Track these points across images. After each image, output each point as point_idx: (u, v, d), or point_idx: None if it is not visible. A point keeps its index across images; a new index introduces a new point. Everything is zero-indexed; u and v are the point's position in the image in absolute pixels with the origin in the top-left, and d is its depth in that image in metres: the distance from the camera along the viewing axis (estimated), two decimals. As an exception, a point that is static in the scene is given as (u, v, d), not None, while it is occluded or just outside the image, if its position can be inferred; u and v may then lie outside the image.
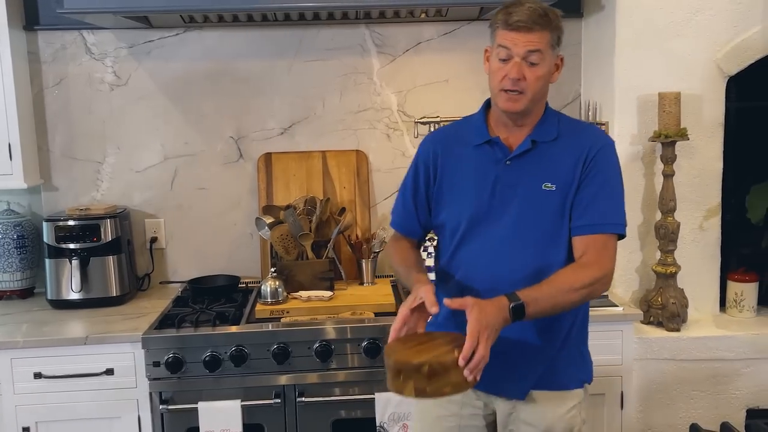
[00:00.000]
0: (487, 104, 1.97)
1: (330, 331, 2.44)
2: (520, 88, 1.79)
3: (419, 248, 2.13)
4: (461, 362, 1.59)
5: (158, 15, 2.73)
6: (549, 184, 1.84)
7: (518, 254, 1.84)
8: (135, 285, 2.96)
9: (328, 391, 2.46)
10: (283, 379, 2.44)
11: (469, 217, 1.88)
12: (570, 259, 1.85)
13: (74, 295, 2.75)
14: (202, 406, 2.40)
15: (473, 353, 1.60)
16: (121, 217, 2.86)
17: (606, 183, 1.84)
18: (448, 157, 1.94)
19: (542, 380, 1.90)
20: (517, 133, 1.89)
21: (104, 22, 2.84)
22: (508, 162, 1.87)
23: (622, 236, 1.86)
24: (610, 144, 1.89)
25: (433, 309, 1.71)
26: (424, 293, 1.74)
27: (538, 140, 1.87)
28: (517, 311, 1.69)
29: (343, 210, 2.94)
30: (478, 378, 1.63)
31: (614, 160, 1.88)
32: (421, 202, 1.99)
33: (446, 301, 1.71)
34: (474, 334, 1.61)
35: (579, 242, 1.83)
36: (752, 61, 2.68)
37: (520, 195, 1.85)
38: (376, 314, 2.53)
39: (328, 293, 2.67)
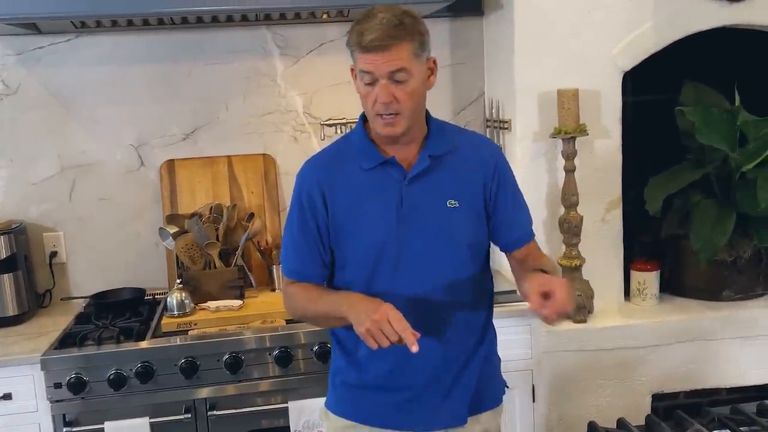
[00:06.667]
0: (364, 118, 1.84)
1: (239, 342, 2.39)
2: (395, 110, 1.68)
3: None
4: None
5: (47, 21, 2.61)
6: (452, 201, 1.78)
7: (437, 278, 1.78)
8: (35, 303, 2.83)
9: (240, 402, 2.41)
10: (193, 394, 2.39)
11: (379, 245, 1.76)
12: (485, 269, 1.90)
13: (-32, 317, 2.62)
14: (108, 426, 2.33)
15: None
16: (16, 232, 2.73)
17: (516, 193, 1.89)
18: (337, 184, 1.78)
19: (479, 398, 1.90)
20: (407, 149, 1.79)
21: (-12, 29, 2.70)
22: (407, 183, 1.77)
23: None
24: (501, 151, 1.90)
25: (414, 348, 1.56)
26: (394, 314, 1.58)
27: (435, 154, 1.79)
28: None
29: (251, 216, 2.88)
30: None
31: (509, 167, 1.90)
32: (315, 241, 1.80)
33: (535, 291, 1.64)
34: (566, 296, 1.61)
35: (517, 253, 1.91)
36: (646, 56, 2.75)
37: (426, 216, 1.77)
38: (288, 321, 2.49)
39: (237, 302, 2.62)
